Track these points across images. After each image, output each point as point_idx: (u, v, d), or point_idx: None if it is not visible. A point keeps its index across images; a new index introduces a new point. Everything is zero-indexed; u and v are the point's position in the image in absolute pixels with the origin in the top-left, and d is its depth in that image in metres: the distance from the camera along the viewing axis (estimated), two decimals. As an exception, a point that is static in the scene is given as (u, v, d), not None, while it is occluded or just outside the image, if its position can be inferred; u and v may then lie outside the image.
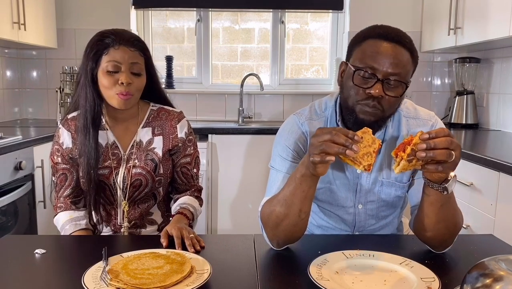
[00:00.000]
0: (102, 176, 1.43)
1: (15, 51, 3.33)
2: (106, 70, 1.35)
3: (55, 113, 3.24)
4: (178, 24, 3.61)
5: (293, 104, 3.49)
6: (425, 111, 1.28)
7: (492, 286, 0.72)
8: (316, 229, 1.37)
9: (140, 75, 1.39)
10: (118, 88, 1.35)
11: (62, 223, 1.45)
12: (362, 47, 1.13)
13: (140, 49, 1.39)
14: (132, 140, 1.47)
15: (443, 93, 3.51)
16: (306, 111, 1.28)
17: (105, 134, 1.46)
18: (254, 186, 2.98)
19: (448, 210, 1.08)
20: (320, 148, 0.95)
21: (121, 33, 1.38)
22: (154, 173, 1.46)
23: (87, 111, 1.40)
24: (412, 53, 1.13)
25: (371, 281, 0.96)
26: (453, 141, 0.94)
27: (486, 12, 2.53)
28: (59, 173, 1.48)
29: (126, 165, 1.45)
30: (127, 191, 1.45)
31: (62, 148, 1.47)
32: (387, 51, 1.10)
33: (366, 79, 1.11)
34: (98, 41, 1.38)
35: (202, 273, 0.95)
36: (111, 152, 1.45)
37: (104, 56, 1.36)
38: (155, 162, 1.46)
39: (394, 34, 1.12)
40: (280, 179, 1.20)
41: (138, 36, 1.44)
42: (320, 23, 3.64)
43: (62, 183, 1.48)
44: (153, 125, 1.49)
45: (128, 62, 1.36)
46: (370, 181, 1.25)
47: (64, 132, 1.47)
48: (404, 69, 1.10)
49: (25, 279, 0.98)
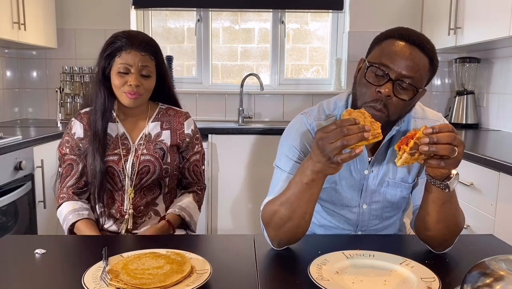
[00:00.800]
0: (112, 161, 1.50)
1: (15, 51, 3.33)
2: (118, 71, 1.45)
3: (55, 113, 3.24)
4: (178, 24, 3.61)
5: (293, 104, 3.49)
6: (433, 112, 1.28)
7: (492, 286, 0.72)
8: (318, 228, 1.37)
9: (150, 77, 1.49)
10: (127, 88, 1.46)
11: (64, 214, 1.50)
12: (382, 45, 1.13)
13: (151, 53, 1.49)
14: (141, 133, 1.55)
15: (443, 93, 3.51)
16: (314, 111, 1.27)
17: (115, 126, 1.55)
18: (254, 186, 2.97)
19: (449, 209, 1.08)
20: (340, 145, 0.92)
21: (134, 37, 1.47)
22: (162, 160, 1.53)
23: (98, 105, 1.50)
24: (431, 60, 1.11)
25: (371, 281, 0.96)
26: (456, 137, 0.93)
27: (486, 12, 2.53)
28: (66, 163, 1.55)
29: (135, 154, 1.52)
30: (135, 178, 1.51)
31: (72, 138, 1.54)
32: (404, 52, 1.08)
33: (379, 77, 1.10)
34: (112, 43, 1.47)
35: (202, 273, 0.95)
36: (120, 142, 1.53)
37: (117, 58, 1.46)
38: (164, 150, 1.55)
39: (416, 37, 1.10)
40: (284, 179, 1.19)
41: (151, 39, 1.53)
42: (320, 23, 3.64)
43: (68, 172, 1.54)
44: (161, 120, 1.59)
45: (138, 65, 1.45)
46: (376, 182, 1.25)
47: (77, 124, 1.56)
48: (419, 74, 1.09)
49: (25, 279, 0.98)
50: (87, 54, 3.34)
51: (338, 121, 0.95)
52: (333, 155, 0.94)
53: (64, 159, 1.55)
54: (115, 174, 1.51)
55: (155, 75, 1.51)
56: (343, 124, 0.93)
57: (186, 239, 1.40)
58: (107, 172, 1.50)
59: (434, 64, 1.12)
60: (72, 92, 3.24)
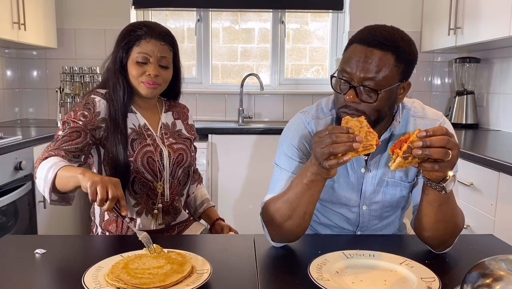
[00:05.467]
0: (149, 152, 1.45)
1: (15, 51, 3.33)
2: (136, 61, 1.42)
3: (55, 113, 3.24)
4: (178, 24, 3.61)
5: (293, 104, 3.49)
6: (433, 111, 1.27)
7: (492, 286, 0.72)
8: (319, 227, 1.37)
9: (168, 68, 1.48)
10: (145, 78, 1.43)
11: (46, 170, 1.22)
12: (346, 52, 1.14)
13: (170, 44, 1.48)
14: (159, 123, 1.55)
15: (443, 93, 3.51)
16: (313, 110, 1.28)
17: (135, 117, 1.50)
18: (254, 186, 2.97)
19: (447, 210, 1.08)
20: (327, 152, 0.94)
21: (153, 27, 1.45)
22: (189, 148, 1.57)
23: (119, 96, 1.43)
24: (397, 54, 1.08)
25: (371, 281, 0.96)
26: (450, 140, 0.93)
27: (486, 12, 2.53)
28: (72, 129, 1.36)
29: (164, 143, 1.51)
30: (173, 167, 1.51)
31: (94, 116, 1.39)
32: (362, 57, 1.08)
33: (343, 85, 1.12)
34: (131, 31, 1.43)
35: (202, 273, 0.95)
36: (145, 132, 1.49)
37: (136, 47, 1.42)
38: (189, 139, 1.59)
39: (374, 37, 1.09)
40: (284, 177, 1.20)
41: (169, 30, 1.50)
42: (320, 23, 3.64)
43: (71, 137, 1.34)
44: (172, 110, 1.62)
45: (157, 55, 1.43)
46: (375, 182, 1.25)
47: (102, 102, 1.42)
48: (381, 73, 1.07)
49: (25, 279, 0.98)
50: (87, 54, 3.34)
51: (330, 127, 0.97)
52: (322, 160, 0.96)
53: (72, 125, 1.37)
54: (155, 164, 1.46)
55: (172, 67, 1.50)
56: (333, 131, 0.95)
57: (186, 239, 1.40)
58: (147, 162, 1.44)
59: (402, 56, 1.09)
60: (72, 92, 3.23)
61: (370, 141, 0.96)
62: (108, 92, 1.46)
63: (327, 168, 0.97)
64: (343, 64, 1.12)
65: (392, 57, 1.08)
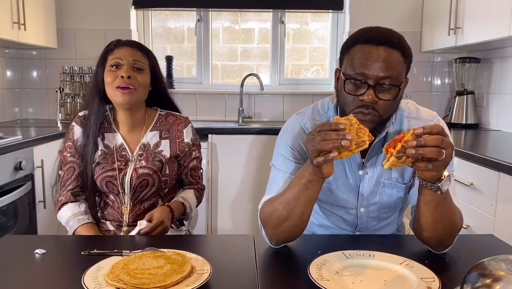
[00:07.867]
0: (111, 177, 1.47)
1: (15, 51, 3.33)
2: (109, 66, 1.45)
3: (55, 113, 3.24)
4: (178, 24, 3.61)
5: (293, 104, 3.49)
6: (427, 112, 1.27)
7: (492, 286, 0.72)
8: (317, 228, 1.37)
9: (142, 71, 1.47)
10: (118, 81, 1.43)
11: (65, 220, 1.49)
12: (351, 54, 1.12)
13: (142, 51, 1.49)
14: (139, 143, 1.52)
15: (443, 93, 3.51)
16: (309, 111, 1.28)
17: (112, 137, 1.51)
18: (254, 186, 2.98)
19: (444, 210, 1.08)
20: (316, 149, 0.95)
21: (126, 39, 1.53)
22: (160, 172, 1.50)
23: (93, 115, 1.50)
24: (403, 52, 1.10)
25: (371, 281, 0.96)
26: (444, 140, 0.93)
27: (486, 12, 2.53)
28: (67, 166, 1.53)
29: (133, 166, 1.49)
30: (134, 192, 1.49)
31: (75, 144, 1.52)
32: (376, 56, 1.08)
33: (358, 86, 1.10)
34: (105, 48, 1.51)
35: (202, 273, 0.95)
36: (118, 154, 1.50)
37: (109, 56, 1.47)
38: (162, 162, 1.51)
39: (381, 36, 1.09)
40: (281, 178, 1.20)
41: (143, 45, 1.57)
42: (320, 23, 3.64)
43: (69, 175, 1.52)
44: (160, 129, 1.56)
45: (130, 59, 1.45)
46: (372, 183, 1.25)
47: (78, 128, 1.53)
48: (396, 70, 1.08)
49: (25, 279, 0.98)
50: (87, 54, 3.34)
51: (320, 124, 0.97)
52: (313, 157, 0.97)
53: (66, 162, 1.54)
54: (114, 188, 1.49)
55: (149, 72, 1.49)
56: (322, 128, 0.95)
57: (186, 239, 1.40)
58: (106, 186, 1.48)
59: (406, 54, 1.11)
60: (72, 92, 3.24)
61: (362, 138, 0.96)
62: (85, 115, 1.54)
63: (317, 164, 0.97)
64: (354, 66, 1.09)
65: (400, 53, 1.10)
